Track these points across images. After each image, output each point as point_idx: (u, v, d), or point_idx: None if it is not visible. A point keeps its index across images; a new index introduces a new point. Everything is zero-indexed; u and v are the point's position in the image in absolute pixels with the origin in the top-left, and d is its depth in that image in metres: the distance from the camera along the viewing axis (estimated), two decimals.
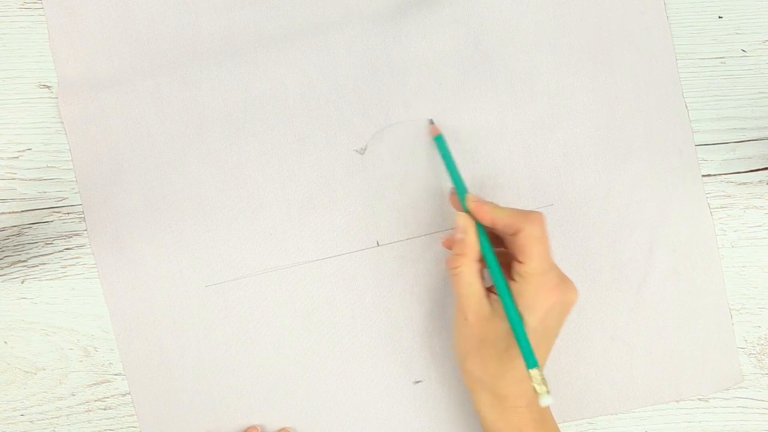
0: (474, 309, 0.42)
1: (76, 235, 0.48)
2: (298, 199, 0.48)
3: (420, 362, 0.48)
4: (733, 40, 0.49)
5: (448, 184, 0.46)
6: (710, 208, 0.49)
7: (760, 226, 0.49)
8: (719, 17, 0.49)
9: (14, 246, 0.48)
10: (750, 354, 0.49)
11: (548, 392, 0.38)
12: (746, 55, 0.49)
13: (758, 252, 0.49)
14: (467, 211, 0.43)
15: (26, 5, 0.48)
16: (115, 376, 0.48)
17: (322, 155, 0.48)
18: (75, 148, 0.48)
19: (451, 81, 0.48)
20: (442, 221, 0.48)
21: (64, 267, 0.48)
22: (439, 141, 0.46)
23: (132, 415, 0.48)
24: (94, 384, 0.48)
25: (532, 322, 0.40)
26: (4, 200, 0.48)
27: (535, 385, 0.39)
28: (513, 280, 0.41)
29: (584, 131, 0.49)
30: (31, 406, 0.48)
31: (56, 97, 0.48)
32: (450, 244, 0.45)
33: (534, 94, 0.49)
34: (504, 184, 0.48)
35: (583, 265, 0.48)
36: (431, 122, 0.47)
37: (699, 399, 0.49)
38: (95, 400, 0.48)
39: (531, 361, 0.39)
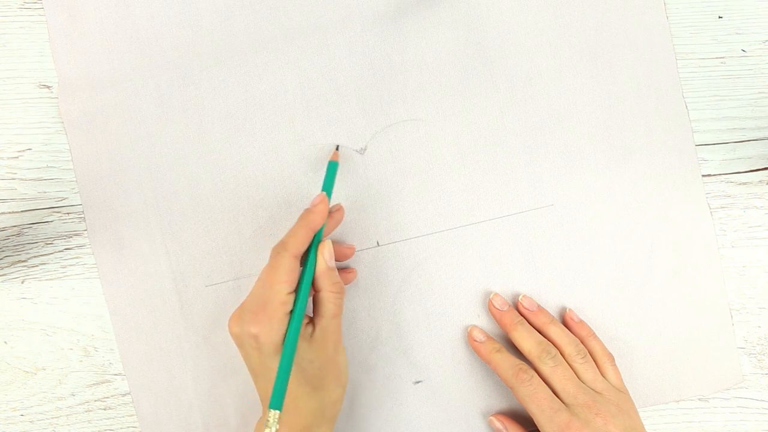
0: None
1: (76, 235, 0.48)
2: (298, 199, 0.48)
3: (420, 362, 0.48)
4: (733, 40, 0.49)
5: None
6: (710, 208, 0.49)
7: (760, 226, 0.49)
8: (719, 17, 0.49)
9: (14, 246, 0.48)
10: (750, 354, 0.49)
11: None
12: (746, 55, 0.49)
13: (758, 252, 0.49)
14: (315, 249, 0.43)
15: (26, 5, 0.48)
16: (115, 376, 0.48)
17: (322, 155, 0.48)
18: (75, 148, 0.48)
19: (451, 81, 0.48)
20: (442, 221, 0.48)
21: (64, 267, 0.48)
22: (331, 166, 0.46)
23: (132, 415, 0.48)
24: (94, 384, 0.48)
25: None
26: (4, 200, 0.48)
27: (272, 423, 0.37)
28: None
29: (584, 131, 0.49)
30: (31, 406, 0.48)
31: (56, 97, 0.48)
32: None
33: (534, 95, 0.49)
34: (504, 183, 0.48)
35: (584, 265, 0.48)
36: (338, 148, 0.48)
37: (699, 399, 0.49)
38: (95, 400, 0.48)
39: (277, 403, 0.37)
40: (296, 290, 0.41)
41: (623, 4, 0.49)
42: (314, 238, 0.42)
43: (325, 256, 0.42)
